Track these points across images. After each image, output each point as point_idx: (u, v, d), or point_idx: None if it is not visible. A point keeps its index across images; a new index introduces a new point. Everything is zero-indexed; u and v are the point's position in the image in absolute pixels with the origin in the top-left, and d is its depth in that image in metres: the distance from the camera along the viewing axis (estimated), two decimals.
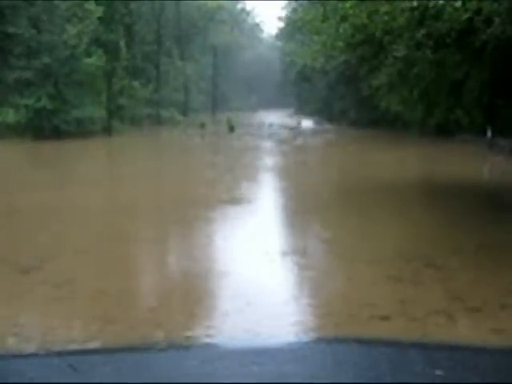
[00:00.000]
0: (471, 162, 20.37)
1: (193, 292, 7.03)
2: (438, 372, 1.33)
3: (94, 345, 5.13)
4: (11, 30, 31.04)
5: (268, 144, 30.03)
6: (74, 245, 8.99)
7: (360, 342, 1.74)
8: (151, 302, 6.84)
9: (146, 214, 12.42)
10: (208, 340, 5.35)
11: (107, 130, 32.74)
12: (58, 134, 29.44)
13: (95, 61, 31.36)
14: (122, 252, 8.85)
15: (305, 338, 5.23)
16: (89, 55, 31.27)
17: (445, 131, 25.73)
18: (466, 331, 5.89)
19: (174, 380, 1.32)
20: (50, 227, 10.45)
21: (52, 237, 9.64)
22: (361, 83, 28.41)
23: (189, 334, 5.55)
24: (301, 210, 12.60)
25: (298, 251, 8.64)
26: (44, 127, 29.81)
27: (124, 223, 11.07)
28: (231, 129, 37.66)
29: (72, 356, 1.54)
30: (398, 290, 6.87)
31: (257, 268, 7.72)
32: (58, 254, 8.42)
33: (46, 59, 30.39)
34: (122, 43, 35.16)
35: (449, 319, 5.93)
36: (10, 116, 30.17)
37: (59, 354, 1.60)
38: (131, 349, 1.70)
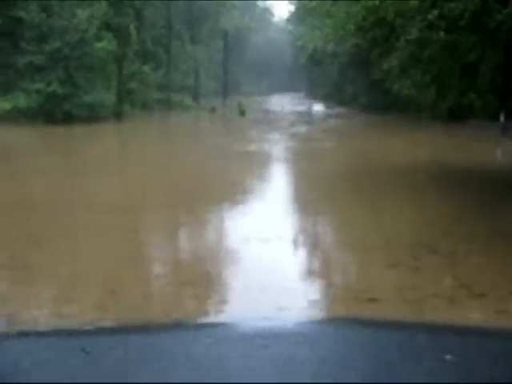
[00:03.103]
0: (484, 147, 20.18)
1: None
2: (448, 356, 1.31)
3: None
4: (21, 14, 31.00)
5: (279, 128, 29.87)
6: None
7: (369, 323, 1.73)
8: None
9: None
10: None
11: (118, 115, 32.71)
12: (69, 118, 29.44)
13: (106, 45, 31.26)
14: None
15: (314, 319, 5.28)
16: (99, 39, 31.18)
17: (457, 115, 25.48)
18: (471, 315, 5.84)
19: (182, 361, 1.32)
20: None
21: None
22: (372, 67, 28.17)
23: None
24: (312, 197, 12.58)
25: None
26: (55, 112, 29.82)
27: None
28: (242, 113, 37.46)
29: (84, 336, 1.54)
30: (402, 275, 6.85)
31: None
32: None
33: (57, 44, 30.34)
34: (132, 27, 34.96)
35: (450, 303, 5.90)
36: (21, 101, 30.22)
37: (70, 333, 1.59)
38: (140, 328, 1.69)
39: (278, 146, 22.56)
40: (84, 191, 12.56)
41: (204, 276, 6.92)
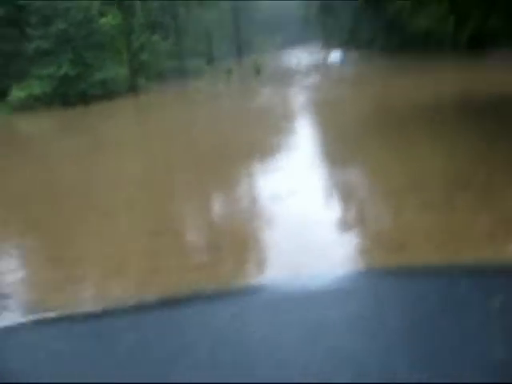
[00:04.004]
0: (508, 78, 19.17)
1: None
2: (496, 302, 1.18)
3: None
4: (23, 1, 30.60)
5: (296, 82, 29.13)
6: None
7: (405, 273, 1.63)
8: None
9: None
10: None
11: (132, 89, 32.30)
12: (84, 98, 29.21)
13: (111, 20, 30.73)
14: None
15: (346, 273, 5.07)
16: (103, 15, 30.61)
17: (479, 46, 24.30)
18: None
19: (203, 336, 1.26)
20: None
21: None
22: (386, 5, 27.04)
23: None
24: (337, 141, 12.23)
25: None
26: (69, 94, 29.61)
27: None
28: (257, 71, 36.72)
29: (96, 320, 1.50)
30: (437, 216, 6.45)
31: None
32: None
33: (62, 25, 29.95)
34: None
35: (491, 240, 5.50)
36: (36, 87, 30.10)
37: (84, 317, 1.57)
38: (155, 305, 1.58)
39: (297, 99, 21.99)
40: (123, 161, 13.52)
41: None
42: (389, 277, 1.57)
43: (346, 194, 8.38)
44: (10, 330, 1.46)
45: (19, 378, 1.21)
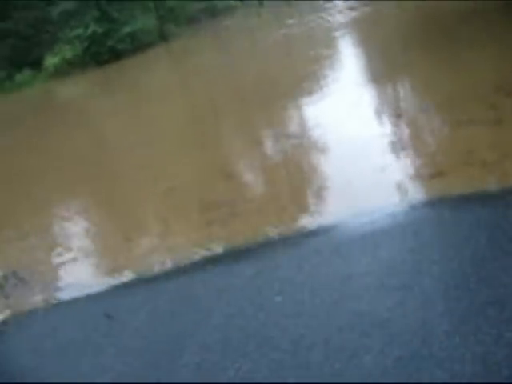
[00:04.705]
0: None
1: None
2: None
3: None
4: None
5: (328, 5, 27.53)
6: None
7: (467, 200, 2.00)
8: None
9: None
10: None
11: (163, 38, 31.36)
12: (116, 55, 28.61)
13: None
14: None
15: (406, 204, 5.02)
16: None
17: None
18: None
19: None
20: None
21: None
22: None
23: None
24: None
25: None
26: (100, 52, 29.00)
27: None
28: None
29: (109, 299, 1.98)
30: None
31: None
32: None
33: None
34: None
35: None
36: (67, 51, 29.74)
37: (96, 298, 2.49)
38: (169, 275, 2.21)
39: (333, 20, 20.82)
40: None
41: None
42: (446, 206, 2.14)
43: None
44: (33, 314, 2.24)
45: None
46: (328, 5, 26.25)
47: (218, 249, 5.46)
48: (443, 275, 3.63)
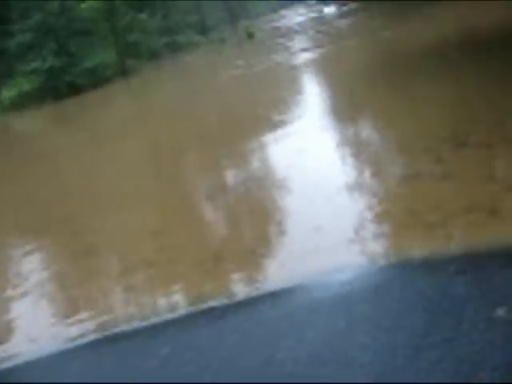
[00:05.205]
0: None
1: None
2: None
3: None
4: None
5: (290, 39, 27.82)
6: None
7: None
8: None
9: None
10: None
11: (123, 73, 31.15)
12: (75, 89, 28.21)
13: (91, 4, 29.45)
14: None
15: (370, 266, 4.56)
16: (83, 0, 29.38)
17: None
18: None
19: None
20: None
21: None
22: None
23: None
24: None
25: None
26: (58, 86, 28.59)
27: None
28: (250, 35, 35.29)
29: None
30: None
31: None
32: None
33: (40, 16, 28.74)
34: None
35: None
36: (24, 84, 29.20)
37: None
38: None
39: (293, 56, 20.87)
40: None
41: None
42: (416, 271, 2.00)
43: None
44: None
45: None
46: (289, 43, 26.53)
47: (133, 322, 4.82)
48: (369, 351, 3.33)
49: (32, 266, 7.00)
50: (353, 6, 40.36)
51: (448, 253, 4.28)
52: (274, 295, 4.49)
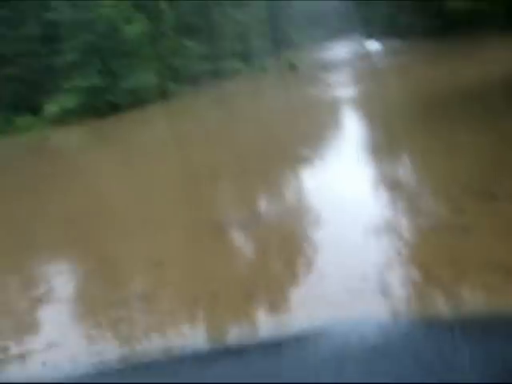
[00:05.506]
0: None
1: None
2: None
3: None
4: (50, 16, 30.40)
5: (335, 74, 27.85)
6: None
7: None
8: None
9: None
10: None
11: (163, 96, 31.60)
12: (115, 108, 28.72)
13: (137, 27, 30.09)
14: None
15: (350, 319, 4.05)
16: (129, 22, 30.01)
17: None
18: None
19: None
20: None
21: None
22: None
23: None
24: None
25: None
26: (100, 105, 29.15)
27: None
28: (292, 67, 35.59)
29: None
30: None
31: None
32: None
33: (88, 37, 29.47)
34: (164, 3, 33.52)
35: None
36: (67, 101, 29.86)
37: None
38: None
39: (333, 92, 20.80)
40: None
41: None
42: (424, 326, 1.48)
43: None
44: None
45: None
46: (330, 77, 26.59)
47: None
48: None
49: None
50: (398, 44, 40.39)
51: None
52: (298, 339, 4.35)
